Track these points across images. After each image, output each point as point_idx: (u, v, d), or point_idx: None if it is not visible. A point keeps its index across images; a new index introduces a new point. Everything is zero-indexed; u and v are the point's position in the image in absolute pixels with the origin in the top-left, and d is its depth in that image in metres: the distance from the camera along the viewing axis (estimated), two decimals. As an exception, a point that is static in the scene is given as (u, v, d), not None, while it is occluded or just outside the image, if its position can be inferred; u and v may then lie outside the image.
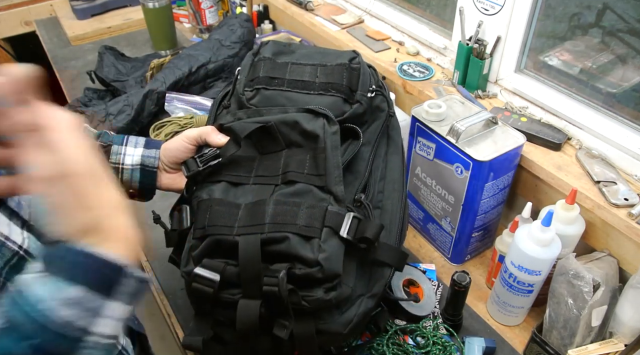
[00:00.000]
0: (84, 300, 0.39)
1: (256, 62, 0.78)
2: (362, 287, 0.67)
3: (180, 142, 0.76)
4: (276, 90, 0.75)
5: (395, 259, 0.69)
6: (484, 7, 0.98)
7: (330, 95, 0.72)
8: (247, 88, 0.76)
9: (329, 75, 0.74)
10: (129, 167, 0.77)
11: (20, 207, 0.50)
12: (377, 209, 0.71)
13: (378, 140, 0.75)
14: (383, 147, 0.76)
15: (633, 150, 0.82)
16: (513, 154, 0.82)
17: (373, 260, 0.67)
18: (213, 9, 1.71)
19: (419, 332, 0.81)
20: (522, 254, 0.73)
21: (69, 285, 0.38)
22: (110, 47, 1.55)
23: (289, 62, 0.76)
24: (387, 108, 0.77)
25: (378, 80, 0.79)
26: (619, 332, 0.74)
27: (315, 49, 0.82)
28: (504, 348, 0.81)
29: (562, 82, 0.96)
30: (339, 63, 0.75)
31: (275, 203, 0.64)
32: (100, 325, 0.40)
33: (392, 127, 0.78)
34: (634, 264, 0.78)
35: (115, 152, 0.76)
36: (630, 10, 0.87)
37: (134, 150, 0.77)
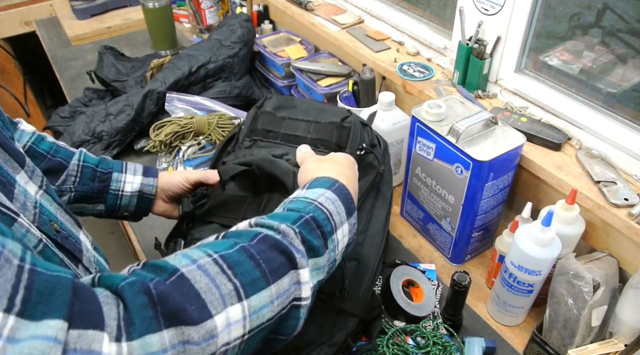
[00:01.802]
0: (336, 204, 0.56)
1: (258, 115, 0.86)
2: (324, 334, 0.69)
3: (180, 180, 0.83)
4: (270, 142, 0.83)
5: (361, 310, 0.72)
6: (484, 7, 0.98)
7: (319, 151, 0.77)
8: (246, 138, 0.84)
9: (320, 132, 0.81)
10: (128, 194, 0.82)
11: (25, 207, 0.50)
12: (353, 261, 0.75)
13: (365, 195, 0.79)
14: (370, 201, 0.80)
15: (633, 150, 0.82)
16: (513, 154, 0.82)
17: (339, 310, 0.70)
18: (213, 9, 1.71)
19: (419, 332, 0.81)
20: (522, 254, 0.73)
21: (329, 192, 0.56)
22: (110, 47, 1.55)
23: (287, 117, 0.84)
24: (377, 165, 0.81)
25: (372, 139, 0.84)
26: (619, 332, 0.74)
27: (315, 105, 0.88)
28: (504, 348, 0.81)
29: (562, 82, 0.96)
30: (332, 121, 0.82)
31: None
32: (340, 232, 0.56)
33: (384, 182, 0.83)
34: (634, 264, 0.78)
35: (115, 180, 0.81)
36: (630, 10, 0.87)
37: (133, 177, 0.82)
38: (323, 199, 0.55)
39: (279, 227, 0.49)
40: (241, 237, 0.47)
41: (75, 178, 0.78)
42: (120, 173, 0.82)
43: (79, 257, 0.56)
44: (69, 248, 0.54)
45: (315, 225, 0.52)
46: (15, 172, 0.53)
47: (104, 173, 0.80)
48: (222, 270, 0.42)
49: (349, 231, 0.57)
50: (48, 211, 0.55)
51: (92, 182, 0.79)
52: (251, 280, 0.44)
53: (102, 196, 0.80)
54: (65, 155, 0.79)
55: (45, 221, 0.53)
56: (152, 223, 1.07)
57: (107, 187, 0.80)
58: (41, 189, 0.57)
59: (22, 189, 0.52)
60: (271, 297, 0.45)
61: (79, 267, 0.55)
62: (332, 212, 0.55)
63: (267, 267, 0.45)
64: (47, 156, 0.76)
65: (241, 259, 0.44)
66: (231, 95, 1.33)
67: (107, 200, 0.81)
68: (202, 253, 0.44)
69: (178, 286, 0.40)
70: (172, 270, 0.41)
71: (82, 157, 0.80)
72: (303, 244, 0.50)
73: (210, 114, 1.23)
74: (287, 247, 0.48)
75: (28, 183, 0.54)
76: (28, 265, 0.34)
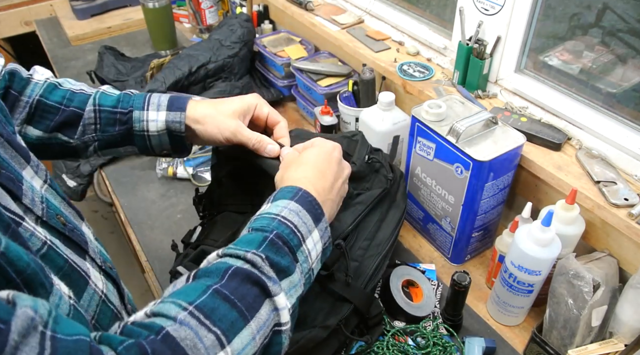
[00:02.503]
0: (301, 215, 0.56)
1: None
2: (318, 318, 0.71)
3: (217, 138, 0.71)
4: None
5: (358, 299, 0.73)
6: (484, 7, 0.98)
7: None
8: None
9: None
10: (155, 133, 0.72)
11: (34, 203, 0.50)
12: (355, 262, 0.78)
13: (376, 204, 0.83)
14: (380, 214, 0.84)
15: (633, 150, 0.82)
16: (513, 154, 0.82)
17: (337, 296, 0.72)
18: (213, 9, 1.71)
19: (419, 332, 0.81)
20: (522, 254, 0.74)
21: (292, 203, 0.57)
22: (110, 47, 1.55)
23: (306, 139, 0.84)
24: (385, 174, 0.86)
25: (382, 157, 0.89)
26: (619, 332, 0.74)
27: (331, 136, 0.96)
28: (504, 348, 0.81)
29: (562, 82, 0.96)
30: (342, 135, 0.89)
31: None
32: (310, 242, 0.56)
33: (401, 196, 0.88)
34: (634, 264, 0.78)
35: (137, 120, 0.72)
36: (630, 10, 0.87)
37: (157, 114, 0.72)
38: (286, 211, 0.55)
39: (246, 256, 0.50)
40: (211, 276, 0.48)
41: (95, 125, 0.71)
42: (141, 111, 0.71)
43: (86, 249, 0.56)
44: (75, 240, 0.55)
45: (281, 242, 0.53)
46: (22, 168, 0.53)
47: (123, 114, 0.71)
48: (200, 322, 0.43)
49: (320, 237, 0.58)
50: (53, 205, 0.55)
51: (112, 127, 0.71)
52: (230, 323, 0.45)
53: (128, 138, 0.72)
54: (80, 102, 0.72)
55: (53, 215, 0.53)
56: (152, 223, 1.07)
57: (131, 128, 0.71)
58: (46, 184, 0.56)
59: (29, 184, 0.52)
60: (252, 334, 0.46)
61: (86, 258, 0.55)
62: (297, 224, 0.55)
63: (243, 305, 0.46)
64: (60, 107, 0.71)
65: (216, 305, 0.45)
66: (231, 95, 1.33)
67: (136, 142, 0.73)
68: (178, 307, 0.44)
69: (168, 344, 0.41)
70: (158, 328, 0.42)
71: (97, 100, 0.72)
72: (272, 268, 0.50)
73: (210, 114, 1.23)
74: (258, 278, 0.48)
75: (34, 178, 0.54)
76: (49, 332, 0.35)
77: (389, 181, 0.85)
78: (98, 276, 0.55)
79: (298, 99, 1.35)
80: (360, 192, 0.82)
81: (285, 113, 1.41)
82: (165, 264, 0.97)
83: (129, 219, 1.09)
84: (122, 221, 1.11)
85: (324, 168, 0.64)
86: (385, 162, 0.88)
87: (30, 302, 0.35)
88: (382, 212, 0.84)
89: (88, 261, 0.55)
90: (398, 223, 0.85)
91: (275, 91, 1.42)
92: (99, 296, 0.53)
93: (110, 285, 0.58)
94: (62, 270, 0.48)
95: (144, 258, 1.01)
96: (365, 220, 0.82)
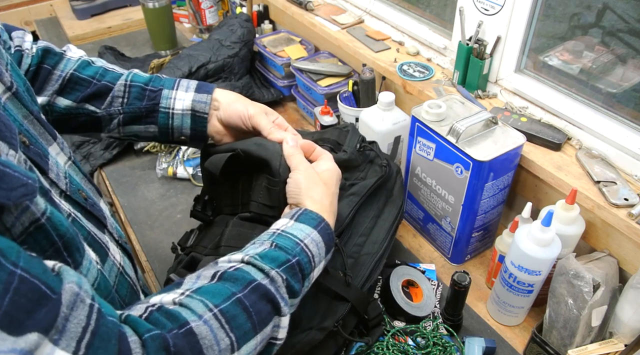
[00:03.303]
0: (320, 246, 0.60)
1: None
2: (315, 319, 0.71)
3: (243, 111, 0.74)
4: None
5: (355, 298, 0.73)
6: (484, 7, 0.98)
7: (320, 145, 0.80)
8: None
9: (322, 134, 0.88)
10: (179, 112, 0.74)
11: (59, 178, 0.53)
12: (350, 258, 0.77)
13: (371, 198, 0.83)
14: (376, 209, 0.83)
15: (633, 150, 0.82)
16: (513, 154, 0.82)
17: (333, 296, 0.72)
18: (213, 9, 1.71)
19: (419, 332, 0.81)
20: (522, 254, 0.73)
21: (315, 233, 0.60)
22: (110, 47, 1.55)
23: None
24: (380, 162, 0.86)
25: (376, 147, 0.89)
26: (619, 332, 0.74)
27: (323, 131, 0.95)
28: (504, 348, 0.81)
29: (562, 82, 0.96)
30: (332, 128, 0.90)
31: (233, 225, 0.72)
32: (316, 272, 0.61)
33: (398, 189, 0.88)
34: (634, 264, 0.78)
35: (165, 96, 0.74)
36: (630, 10, 0.87)
37: (185, 94, 0.75)
38: (309, 240, 0.59)
39: (270, 273, 0.53)
40: (237, 283, 0.51)
41: (123, 99, 0.74)
42: (171, 90, 0.75)
43: (105, 223, 0.60)
44: (96, 214, 0.58)
45: (298, 269, 0.57)
46: (49, 144, 0.56)
47: (153, 91, 0.74)
48: (221, 325, 0.47)
49: (323, 266, 0.63)
50: (75, 181, 0.58)
51: (140, 101, 0.74)
52: (243, 332, 0.49)
53: (152, 115, 0.74)
54: (112, 78, 0.74)
55: (75, 190, 0.56)
56: (152, 223, 1.07)
57: (157, 105, 0.74)
58: (70, 160, 0.60)
59: (54, 160, 0.55)
60: (256, 344, 0.51)
61: (105, 232, 0.59)
62: (315, 254, 0.60)
63: (257, 318, 0.51)
64: (92, 81, 0.73)
65: (237, 313, 0.49)
66: (231, 95, 1.33)
67: (159, 121, 0.74)
68: (205, 307, 0.47)
69: (188, 340, 0.44)
70: (183, 322, 0.45)
71: (130, 76, 0.75)
72: (287, 290, 0.55)
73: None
74: (274, 297, 0.53)
75: (59, 154, 0.57)
76: (97, 305, 0.38)
77: (383, 168, 0.84)
78: (116, 249, 0.59)
79: (298, 99, 1.35)
80: (354, 183, 0.82)
81: (285, 113, 1.41)
82: (165, 264, 0.97)
83: (129, 219, 1.09)
84: (122, 221, 1.11)
85: (335, 191, 0.69)
86: (380, 151, 0.88)
87: (75, 278, 0.38)
88: (378, 206, 0.83)
89: (107, 235, 0.59)
90: (395, 220, 0.84)
91: (275, 91, 1.42)
92: (117, 268, 0.57)
93: (127, 259, 0.62)
94: (86, 241, 0.51)
95: (144, 258, 1.01)
96: (360, 215, 0.81)
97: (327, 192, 0.66)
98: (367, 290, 0.77)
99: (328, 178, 0.68)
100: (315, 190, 0.65)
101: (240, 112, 0.74)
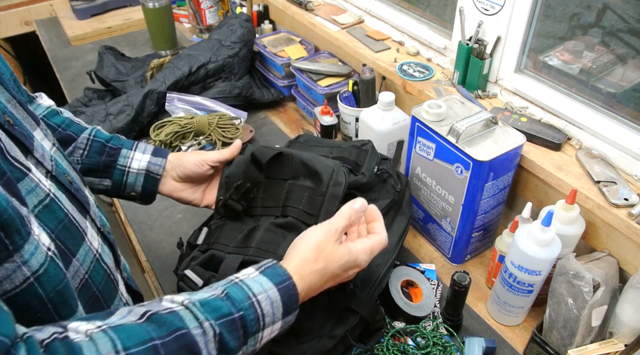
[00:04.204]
0: (275, 306, 0.55)
1: (291, 144, 0.95)
2: (326, 327, 0.71)
3: (196, 159, 0.83)
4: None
5: (366, 311, 0.74)
6: (484, 7, 0.98)
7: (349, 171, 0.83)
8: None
9: (341, 152, 0.88)
10: (134, 171, 0.81)
11: (44, 158, 0.55)
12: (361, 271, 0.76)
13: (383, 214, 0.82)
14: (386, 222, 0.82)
15: (633, 150, 0.82)
16: (513, 154, 0.82)
17: (345, 307, 0.72)
18: (213, 9, 1.71)
19: (419, 332, 0.81)
20: (522, 254, 0.73)
21: (275, 290, 0.56)
22: (110, 47, 1.55)
23: (314, 145, 0.92)
24: (394, 185, 0.87)
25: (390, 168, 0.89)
26: (619, 332, 0.74)
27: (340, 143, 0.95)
28: (504, 348, 0.81)
29: (562, 82, 0.96)
30: (352, 145, 0.89)
31: (265, 230, 0.73)
32: (266, 333, 0.55)
33: (407, 203, 0.89)
34: (634, 264, 0.78)
35: (124, 155, 0.81)
36: (630, 10, 0.87)
37: (142, 156, 0.82)
38: (263, 296, 0.54)
39: (203, 323, 0.49)
40: (162, 328, 0.47)
41: (84, 151, 0.79)
42: (129, 150, 0.81)
43: (88, 209, 0.60)
44: (79, 199, 0.59)
45: (240, 325, 0.52)
46: (32, 129, 0.57)
47: (113, 148, 0.80)
48: None
49: (280, 327, 0.57)
50: (61, 165, 0.59)
51: (99, 156, 0.79)
52: None
53: (108, 170, 0.80)
54: (77, 129, 0.79)
55: (60, 173, 0.57)
56: (152, 223, 1.07)
57: (115, 162, 0.80)
58: (54, 146, 0.61)
59: (39, 143, 0.56)
60: None
61: (87, 218, 0.59)
62: (266, 313, 0.55)
63: None
64: (58, 129, 0.77)
65: None
66: (231, 95, 1.33)
67: (114, 176, 0.80)
68: (111, 348, 0.43)
69: None
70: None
71: (93, 132, 0.80)
72: (218, 345, 0.50)
73: (210, 114, 1.23)
74: (199, 351, 0.48)
75: (44, 139, 0.59)
76: None
77: (396, 192, 0.86)
78: (95, 236, 0.59)
79: (298, 99, 1.35)
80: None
81: (285, 113, 1.41)
82: (165, 263, 0.97)
83: (129, 219, 1.09)
84: (122, 221, 1.11)
85: (335, 274, 0.63)
86: (393, 171, 0.89)
87: None
88: (388, 220, 0.84)
89: (88, 221, 0.59)
90: (404, 231, 0.86)
91: (275, 91, 1.42)
92: (93, 254, 0.57)
93: (106, 248, 0.62)
94: (62, 223, 0.52)
95: (144, 258, 1.01)
96: None
97: (323, 271, 0.61)
98: (376, 298, 0.78)
99: (341, 261, 0.62)
100: (311, 257, 0.60)
101: (192, 156, 0.83)
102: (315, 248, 0.61)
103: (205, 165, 0.83)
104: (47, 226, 0.50)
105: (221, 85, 1.35)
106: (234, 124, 1.21)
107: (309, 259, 0.60)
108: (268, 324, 0.55)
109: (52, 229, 0.50)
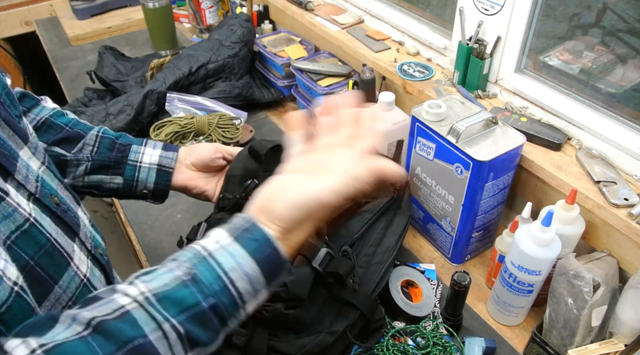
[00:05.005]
0: (255, 280, 0.45)
1: None
2: (324, 323, 0.71)
3: (211, 147, 0.84)
4: None
5: (365, 306, 0.73)
6: (484, 7, 0.98)
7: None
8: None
9: None
10: (146, 165, 0.80)
11: (28, 180, 0.52)
12: (360, 268, 0.78)
13: (382, 212, 0.84)
14: (386, 221, 0.85)
15: (633, 150, 0.82)
16: (513, 154, 0.82)
17: (344, 302, 0.73)
18: (213, 9, 1.71)
19: (419, 332, 0.81)
20: (522, 254, 0.73)
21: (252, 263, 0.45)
22: (110, 47, 1.55)
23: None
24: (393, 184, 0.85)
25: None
26: (619, 332, 0.74)
27: None
28: (504, 348, 0.81)
29: (562, 82, 0.96)
30: None
31: None
32: (251, 306, 0.46)
33: (406, 203, 0.90)
34: (634, 264, 0.78)
35: (134, 151, 0.80)
36: (630, 10, 0.87)
37: (153, 150, 0.82)
38: (238, 274, 0.44)
39: (163, 325, 0.41)
40: (110, 342, 0.39)
41: (93, 147, 0.78)
42: (139, 146, 0.81)
43: (76, 231, 0.57)
44: (67, 221, 0.56)
45: (213, 314, 0.43)
46: (19, 148, 0.54)
47: (123, 145, 0.80)
48: None
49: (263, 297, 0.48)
50: (49, 186, 0.56)
51: (110, 152, 0.79)
52: None
53: (119, 167, 0.79)
54: (85, 128, 0.79)
55: (47, 194, 0.54)
56: (152, 223, 1.07)
57: (126, 157, 0.79)
58: (43, 165, 0.58)
59: (24, 163, 0.53)
60: None
61: (76, 241, 0.56)
62: (244, 292, 0.45)
63: None
64: (65, 128, 0.77)
65: None
66: (231, 95, 1.33)
67: (125, 172, 0.80)
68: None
69: None
70: None
71: (102, 130, 0.80)
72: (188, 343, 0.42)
73: (210, 114, 1.23)
74: None
75: (31, 158, 0.56)
76: None
77: (396, 190, 0.86)
78: (84, 260, 0.56)
79: (298, 99, 1.35)
80: (367, 201, 0.83)
81: (285, 113, 1.41)
82: (165, 264, 0.96)
83: (129, 219, 1.09)
84: (122, 221, 1.11)
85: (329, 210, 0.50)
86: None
87: None
88: (387, 219, 0.85)
89: (77, 244, 0.56)
90: (404, 230, 0.86)
91: (275, 91, 1.41)
92: (80, 279, 0.53)
93: (97, 271, 0.59)
94: (43, 248, 0.49)
95: (144, 258, 1.01)
96: (371, 227, 0.82)
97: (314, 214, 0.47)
98: (376, 296, 0.78)
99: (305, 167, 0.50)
100: (288, 188, 0.48)
101: (206, 144, 0.85)
102: (275, 183, 0.49)
103: (219, 152, 0.84)
104: (25, 253, 0.46)
105: (221, 85, 1.35)
106: (234, 124, 1.21)
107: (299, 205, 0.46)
108: (248, 300, 0.46)
109: (30, 256, 0.46)
